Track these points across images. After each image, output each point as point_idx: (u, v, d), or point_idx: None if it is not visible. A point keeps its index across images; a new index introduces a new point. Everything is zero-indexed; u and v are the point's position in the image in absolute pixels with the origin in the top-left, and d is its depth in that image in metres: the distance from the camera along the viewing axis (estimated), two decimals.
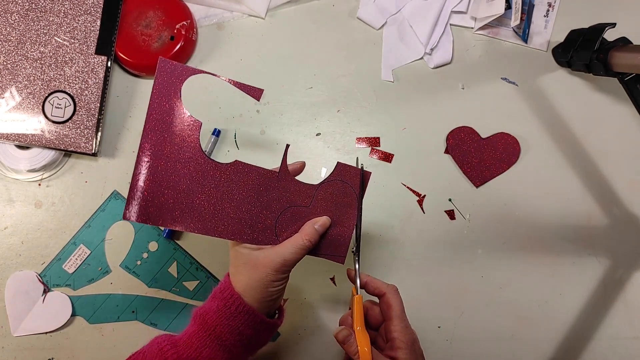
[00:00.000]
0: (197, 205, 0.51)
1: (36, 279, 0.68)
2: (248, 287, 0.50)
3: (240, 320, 0.49)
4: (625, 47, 0.63)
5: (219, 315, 0.49)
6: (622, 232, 0.71)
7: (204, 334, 0.49)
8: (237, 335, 0.49)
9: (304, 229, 0.53)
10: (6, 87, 0.67)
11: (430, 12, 0.72)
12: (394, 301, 0.52)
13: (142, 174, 0.50)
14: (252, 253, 0.51)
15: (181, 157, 0.51)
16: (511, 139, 0.72)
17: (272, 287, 0.50)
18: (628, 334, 0.70)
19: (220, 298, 0.50)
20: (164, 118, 0.50)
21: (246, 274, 0.50)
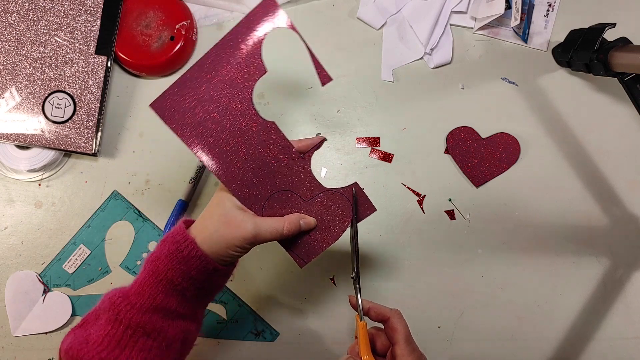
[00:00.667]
0: (215, 135, 0.50)
1: (36, 279, 0.68)
2: (210, 239, 0.48)
3: (192, 265, 0.47)
4: (625, 47, 0.63)
5: (170, 259, 0.47)
6: (622, 232, 0.71)
7: (154, 280, 0.47)
8: (189, 279, 0.48)
9: (289, 218, 0.52)
10: (6, 87, 0.67)
11: (430, 12, 0.72)
12: (398, 325, 0.52)
13: (188, 72, 0.49)
14: (234, 210, 0.50)
15: (229, 85, 0.49)
16: (511, 139, 0.72)
17: (232, 250, 0.48)
18: (628, 334, 0.70)
19: (172, 242, 0.48)
20: (237, 42, 0.49)
21: (216, 226, 0.49)
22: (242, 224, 0.49)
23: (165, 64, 0.70)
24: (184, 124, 0.50)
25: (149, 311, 0.47)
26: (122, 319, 0.46)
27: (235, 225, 0.48)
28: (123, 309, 0.46)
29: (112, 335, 0.46)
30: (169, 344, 0.48)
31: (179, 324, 0.49)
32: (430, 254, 0.70)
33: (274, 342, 0.69)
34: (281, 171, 0.53)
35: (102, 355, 0.45)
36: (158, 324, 0.47)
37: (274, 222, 0.51)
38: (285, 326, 0.69)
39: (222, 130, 0.50)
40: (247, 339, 0.69)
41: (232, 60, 0.50)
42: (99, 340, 0.45)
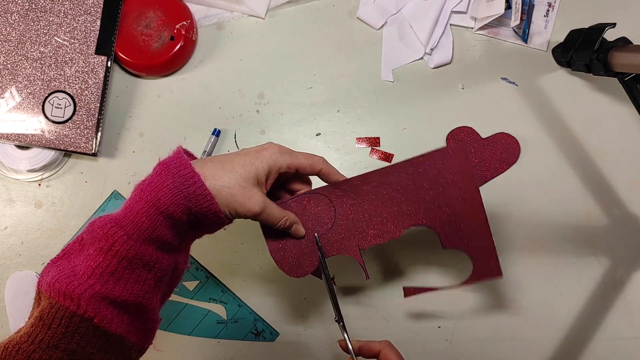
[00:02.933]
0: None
1: (36, 279, 0.68)
2: (219, 190, 0.46)
3: (197, 204, 0.45)
4: (625, 47, 0.63)
5: (174, 194, 0.45)
6: (622, 232, 0.71)
7: (155, 211, 0.44)
8: (188, 215, 0.46)
9: (290, 215, 0.52)
10: (6, 87, 0.67)
11: (430, 12, 0.72)
12: (391, 355, 0.52)
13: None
14: (254, 180, 0.48)
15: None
16: (511, 139, 0.72)
17: (231, 211, 0.47)
18: (628, 334, 0.70)
19: (177, 175, 0.45)
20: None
21: (230, 182, 0.47)
22: (254, 197, 0.48)
23: (165, 64, 0.70)
24: (429, 162, 0.57)
25: (146, 242, 0.44)
26: (118, 249, 0.43)
27: (248, 195, 0.47)
28: (119, 240, 0.43)
29: (104, 266, 0.43)
30: (162, 275, 0.46)
31: (171, 256, 0.47)
32: (430, 254, 0.70)
33: (273, 342, 0.69)
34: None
35: (95, 288, 0.42)
36: (154, 255, 0.45)
37: (277, 212, 0.50)
38: (285, 326, 0.69)
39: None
40: (247, 339, 0.69)
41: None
42: (89, 271, 0.42)
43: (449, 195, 0.56)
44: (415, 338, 0.70)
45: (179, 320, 0.68)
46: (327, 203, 0.55)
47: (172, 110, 0.72)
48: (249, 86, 0.73)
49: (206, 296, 0.69)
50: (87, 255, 0.43)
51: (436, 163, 0.56)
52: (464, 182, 0.57)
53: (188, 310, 0.69)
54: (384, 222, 0.56)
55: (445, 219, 0.56)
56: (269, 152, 0.49)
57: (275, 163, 0.49)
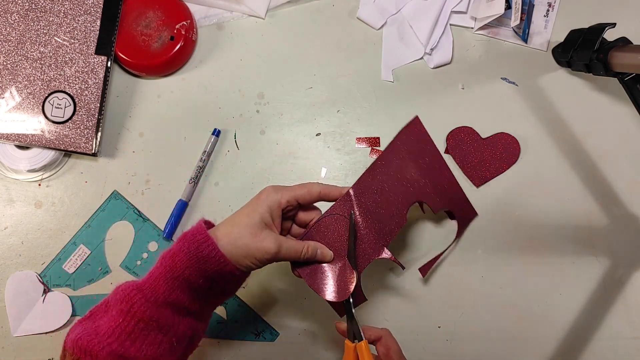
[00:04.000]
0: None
1: (36, 279, 0.68)
2: (233, 244, 0.49)
3: (211, 266, 0.48)
4: (625, 47, 0.63)
5: (189, 258, 0.47)
6: (622, 232, 0.71)
7: (171, 275, 0.48)
8: (205, 280, 0.48)
9: (309, 243, 0.54)
10: (6, 87, 0.67)
11: (430, 12, 0.72)
12: (391, 342, 0.54)
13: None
14: (262, 224, 0.51)
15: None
16: (511, 139, 0.72)
17: (250, 261, 0.50)
18: (628, 334, 0.70)
19: (193, 241, 0.48)
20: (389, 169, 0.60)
21: (241, 234, 0.49)
22: (267, 238, 0.50)
23: (165, 64, 0.70)
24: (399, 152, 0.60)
25: (162, 305, 0.47)
26: (136, 311, 0.46)
27: (260, 239, 0.50)
28: (137, 302, 0.47)
29: (123, 327, 0.46)
30: (178, 339, 0.49)
31: (188, 321, 0.50)
32: (430, 254, 0.70)
33: (274, 342, 0.69)
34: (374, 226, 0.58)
35: (113, 346, 0.45)
36: (170, 319, 0.48)
37: (295, 244, 0.53)
38: (285, 326, 0.69)
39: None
40: (247, 339, 0.69)
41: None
42: (109, 331, 0.46)
43: (422, 167, 0.61)
44: (415, 338, 0.70)
45: None
46: (342, 219, 0.57)
47: (172, 110, 0.72)
48: (249, 86, 0.73)
49: None
50: (110, 316, 0.47)
51: (405, 144, 0.60)
52: (425, 149, 0.62)
53: None
54: (390, 215, 0.59)
55: (428, 188, 0.62)
56: (264, 194, 0.52)
57: (273, 201, 0.52)
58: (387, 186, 0.59)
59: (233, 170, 0.71)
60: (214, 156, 0.71)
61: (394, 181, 0.60)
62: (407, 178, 0.60)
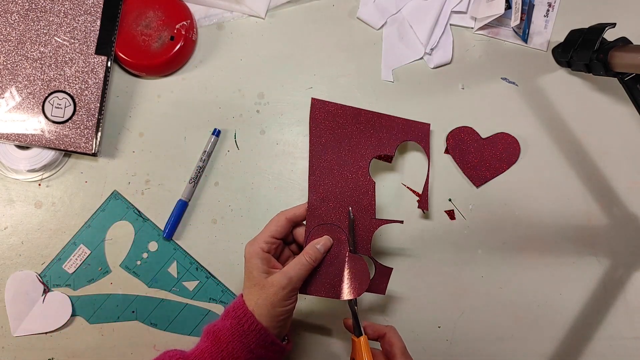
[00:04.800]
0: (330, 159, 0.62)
1: (36, 279, 0.68)
2: (258, 306, 0.52)
3: (253, 339, 0.51)
4: (625, 47, 0.63)
5: (232, 332, 0.51)
6: (622, 232, 0.71)
7: (216, 349, 0.51)
8: (248, 353, 0.51)
9: (306, 249, 0.56)
10: (6, 87, 0.67)
11: (430, 12, 0.72)
12: (395, 339, 0.56)
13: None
14: (261, 275, 0.54)
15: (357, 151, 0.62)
16: (511, 139, 0.72)
17: (280, 306, 0.52)
18: (628, 334, 0.70)
19: (234, 316, 0.52)
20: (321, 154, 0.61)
21: (256, 293, 0.53)
22: (274, 279, 0.53)
23: (165, 64, 0.70)
24: (321, 135, 0.62)
25: None
26: None
27: (270, 284, 0.53)
28: None
29: None
30: None
31: None
32: (430, 254, 0.70)
33: None
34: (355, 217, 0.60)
35: None
36: None
37: (297, 260, 0.55)
38: None
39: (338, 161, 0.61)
40: None
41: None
42: None
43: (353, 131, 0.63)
44: (415, 338, 0.70)
45: (179, 320, 0.68)
46: (324, 226, 0.59)
47: (172, 110, 0.72)
48: (249, 86, 0.73)
49: (206, 296, 0.69)
50: None
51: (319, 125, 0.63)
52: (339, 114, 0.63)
53: (188, 310, 0.69)
54: (358, 189, 0.61)
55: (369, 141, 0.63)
56: (246, 252, 0.56)
57: (254, 254, 0.55)
58: (335, 170, 0.61)
59: (233, 170, 0.71)
60: (214, 156, 0.71)
61: (338, 161, 0.61)
62: (346, 149, 0.62)
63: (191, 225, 0.70)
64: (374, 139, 0.63)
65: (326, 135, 0.61)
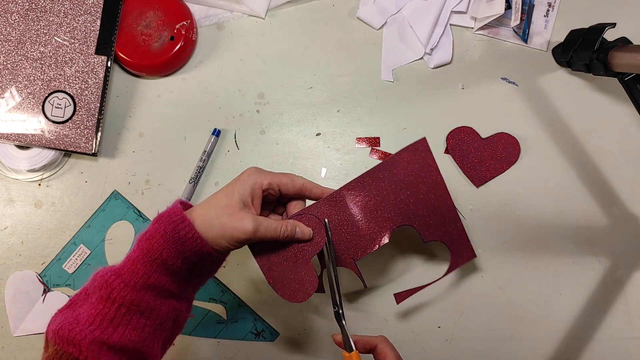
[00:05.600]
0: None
1: (36, 279, 0.68)
2: (210, 224, 0.48)
3: (188, 247, 0.47)
4: (625, 47, 0.63)
5: (166, 239, 0.47)
6: (622, 232, 0.71)
7: (148, 258, 0.47)
8: (183, 260, 0.48)
9: (288, 221, 0.53)
10: (6, 87, 0.67)
11: (430, 12, 0.72)
12: (388, 350, 0.53)
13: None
14: (240, 204, 0.50)
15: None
16: (511, 139, 0.72)
17: (227, 241, 0.49)
18: (628, 334, 0.70)
19: (169, 222, 0.47)
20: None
21: (218, 214, 0.49)
22: (245, 218, 0.49)
23: (165, 64, 0.70)
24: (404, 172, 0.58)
25: (142, 289, 0.46)
26: (116, 297, 0.45)
27: (238, 218, 0.49)
28: (117, 287, 0.46)
29: (104, 313, 0.45)
30: (162, 322, 0.48)
31: (170, 303, 0.49)
32: (430, 254, 0.70)
33: (273, 342, 0.69)
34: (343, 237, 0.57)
35: (95, 334, 0.44)
36: (151, 302, 0.47)
37: (273, 223, 0.52)
38: (284, 327, 0.69)
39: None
40: (247, 339, 0.69)
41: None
42: (90, 319, 0.45)
43: (420, 191, 0.58)
44: (415, 338, 0.70)
45: None
46: (317, 222, 0.56)
47: (172, 110, 0.72)
48: (249, 86, 0.73)
49: (206, 296, 0.69)
50: (89, 304, 0.46)
51: (402, 163, 0.58)
52: (429, 176, 0.58)
53: None
54: (371, 230, 0.57)
55: (421, 215, 0.58)
56: (246, 174, 0.52)
57: (255, 182, 0.51)
58: (376, 199, 0.57)
59: (233, 170, 0.71)
60: (214, 156, 0.71)
61: (386, 196, 0.57)
62: (401, 197, 0.57)
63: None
64: (425, 214, 0.58)
65: (401, 171, 0.57)
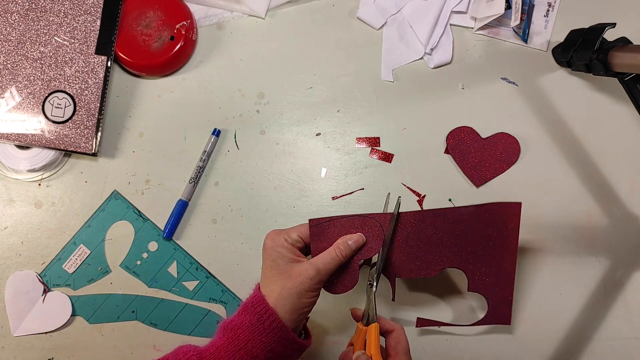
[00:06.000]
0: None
1: (36, 279, 0.68)
2: (281, 297, 0.50)
3: (273, 337, 0.49)
4: (625, 47, 0.63)
5: (252, 331, 0.49)
6: (622, 232, 0.71)
7: (233, 348, 0.49)
8: (268, 352, 0.49)
9: (336, 243, 0.55)
10: (6, 87, 0.67)
11: (430, 12, 0.72)
12: (402, 338, 0.55)
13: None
14: (287, 264, 0.52)
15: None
16: (511, 139, 0.72)
17: (305, 297, 0.51)
18: (628, 334, 0.70)
19: (253, 312, 0.50)
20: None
21: (280, 283, 0.51)
22: (301, 269, 0.51)
23: (165, 64, 0.70)
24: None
25: None
26: None
27: (297, 274, 0.51)
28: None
29: None
30: None
31: None
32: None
33: None
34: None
35: None
36: None
37: (326, 254, 0.54)
38: None
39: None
40: None
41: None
42: None
43: (490, 247, 0.59)
44: (416, 338, 0.70)
45: (179, 320, 0.68)
46: (378, 231, 0.57)
47: (172, 110, 0.72)
48: (248, 86, 0.73)
49: (206, 296, 0.69)
50: None
51: (488, 213, 0.58)
52: (507, 240, 0.59)
53: (188, 310, 0.69)
54: (423, 260, 0.59)
55: (480, 267, 0.59)
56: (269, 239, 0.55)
57: (282, 241, 0.54)
58: (444, 235, 0.58)
59: (233, 170, 0.71)
60: (214, 156, 0.71)
61: (455, 236, 0.58)
62: (469, 243, 0.59)
63: (191, 225, 0.70)
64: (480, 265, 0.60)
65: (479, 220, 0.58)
